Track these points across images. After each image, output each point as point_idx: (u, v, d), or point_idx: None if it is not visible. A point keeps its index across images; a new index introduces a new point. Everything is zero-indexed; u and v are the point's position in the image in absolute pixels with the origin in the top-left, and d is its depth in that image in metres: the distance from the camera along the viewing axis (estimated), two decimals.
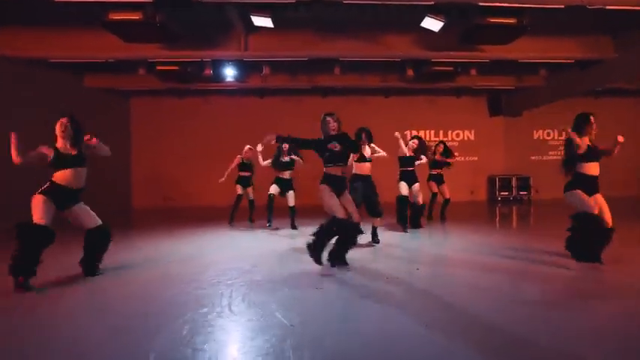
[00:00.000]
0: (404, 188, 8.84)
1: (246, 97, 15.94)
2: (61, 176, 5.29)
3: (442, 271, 6.00)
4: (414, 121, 16.50)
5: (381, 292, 4.69)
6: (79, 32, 9.68)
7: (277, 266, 6.11)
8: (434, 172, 10.69)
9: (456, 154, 10.98)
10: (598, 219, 5.69)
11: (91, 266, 5.54)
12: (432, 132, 17.01)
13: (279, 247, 7.55)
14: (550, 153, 17.29)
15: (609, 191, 6.92)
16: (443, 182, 10.72)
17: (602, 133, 6.16)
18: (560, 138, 17.18)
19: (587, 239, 5.74)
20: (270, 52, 10.28)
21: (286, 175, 9.44)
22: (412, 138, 9.32)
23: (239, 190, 10.38)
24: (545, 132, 17.46)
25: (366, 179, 7.42)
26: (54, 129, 5.37)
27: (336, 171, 5.78)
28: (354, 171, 7.50)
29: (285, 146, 9.00)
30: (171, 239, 8.56)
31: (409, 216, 9.08)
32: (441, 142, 10.99)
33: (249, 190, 10.52)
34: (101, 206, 6.87)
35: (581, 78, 12.22)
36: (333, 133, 5.76)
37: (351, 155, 7.00)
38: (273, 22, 8.74)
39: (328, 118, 5.81)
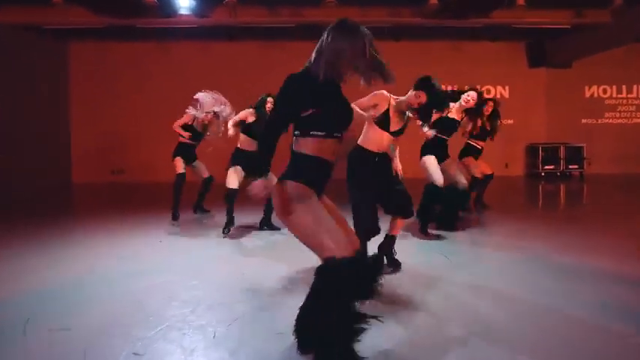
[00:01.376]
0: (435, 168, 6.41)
1: (211, 40, 13.55)
2: None
3: None
4: (433, 74, 13.90)
5: None
6: None
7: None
8: (475, 144, 8.27)
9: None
10: None
11: None
12: (456, 87, 14.43)
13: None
14: (607, 115, 14.83)
15: None
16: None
17: None
18: (619, 96, 14.78)
19: None
20: None
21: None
22: (468, 90, 6.93)
23: (179, 166, 7.84)
24: (601, 88, 14.91)
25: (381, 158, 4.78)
26: None
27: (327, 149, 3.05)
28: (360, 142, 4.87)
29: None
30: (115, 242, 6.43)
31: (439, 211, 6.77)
32: (492, 99, 8.42)
33: (199, 165, 8.13)
34: (30, 181, 5.42)
35: None
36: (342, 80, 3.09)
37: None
38: None
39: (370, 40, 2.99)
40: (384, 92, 4.69)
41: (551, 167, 14.00)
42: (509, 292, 4.09)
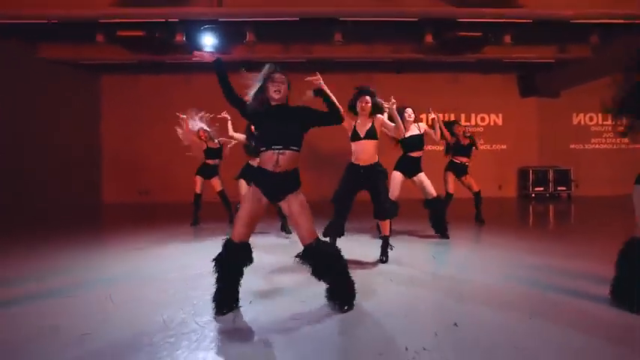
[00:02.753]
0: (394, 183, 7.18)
1: (231, 72, 13.67)
2: None
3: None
4: (431, 103, 14.44)
5: None
6: None
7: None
8: (456, 160, 8.77)
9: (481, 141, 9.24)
10: None
11: None
12: (452, 115, 14.95)
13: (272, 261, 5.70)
14: (593, 141, 15.16)
15: None
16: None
17: None
18: (605, 123, 15.03)
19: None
20: (250, 8, 8.26)
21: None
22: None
23: (196, 185, 8.89)
24: (588, 116, 15.25)
25: (367, 170, 5.56)
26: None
27: (268, 160, 3.84)
28: (353, 158, 5.63)
29: None
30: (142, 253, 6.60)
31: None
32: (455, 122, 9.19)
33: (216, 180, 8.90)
34: (66, 201, 5.39)
35: None
36: (273, 102, 3.94)
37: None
38: None
39: (271, 71, 3.95)
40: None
41: (541, 189, 14.30)
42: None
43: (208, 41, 10.55)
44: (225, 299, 3.90)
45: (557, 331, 3.45)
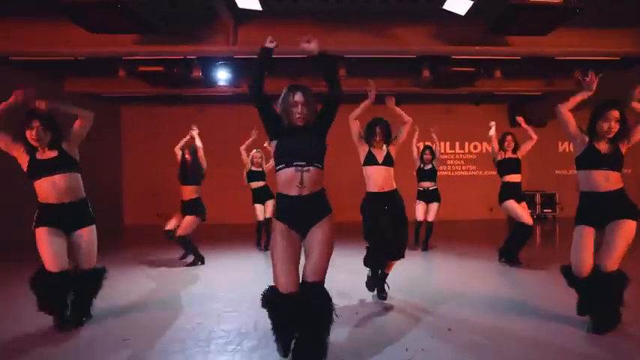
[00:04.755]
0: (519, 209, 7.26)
1: (243, 104, 13.85)
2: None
3: None
4: (428, 132, 14.70)
5: None
6: (42, 25, 7.99)
7: None
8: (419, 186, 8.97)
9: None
10: None
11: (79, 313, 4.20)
12: (448, 144, 15.28)
13: None
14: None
15: None
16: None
17: None
18: None
19: None
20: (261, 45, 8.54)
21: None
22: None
23: (256, 213, 8.77)
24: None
25: (386, 197, 5.05)
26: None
27: (290, 184, 3.19)
28: (368, 187, 5.10)
29: None
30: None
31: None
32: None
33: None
34: None
35: (625, 79, 10.37)
36: (298, 122, 3.28)
37: None
38: (266, 11, 7.17)
39: (290, 94, 3.40)
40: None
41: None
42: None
43: (222, 75, 10.82)
44: (288, 343, 3.22)
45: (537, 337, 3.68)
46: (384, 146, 5.18)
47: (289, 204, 3.17)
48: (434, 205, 8.78)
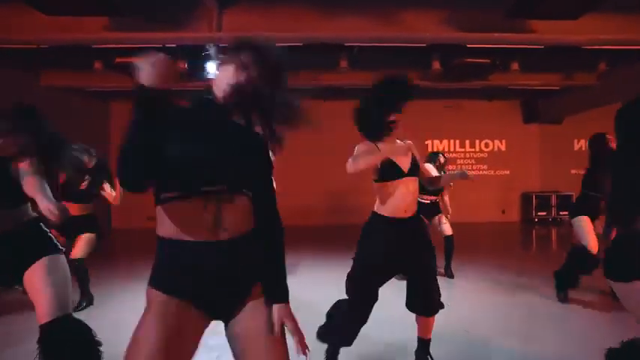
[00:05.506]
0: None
1: None
2: None
3: None
4: (437, 130, 13.78)
5: None
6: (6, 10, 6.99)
7: None
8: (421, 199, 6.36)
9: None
10: None
11: None
12: (457, 142, 14.22)
13: None
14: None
15: None
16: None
17: None
18: None
19: None
20: (250, 32, 7.42)
21: None
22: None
23: None
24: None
25: (410, 224, 3.25)
26: None
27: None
28: (376, 207, 3.28)
29: None
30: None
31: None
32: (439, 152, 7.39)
33: None
34: None
35: None
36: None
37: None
38: None
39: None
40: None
41: (544, 214, 13.54)
42: None
43: (211, 68, 9.83)
44: None
45: None
46: (404, 142, 3.38)
47: (192, 257, 1.73)
48: (440, 217, 6.77)
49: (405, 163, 3.23)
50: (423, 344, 3.38)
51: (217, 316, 1.80)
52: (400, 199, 3.16)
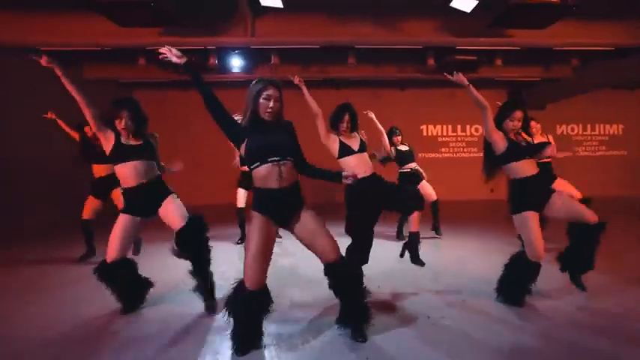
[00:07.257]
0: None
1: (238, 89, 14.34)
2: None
3: None
4: (431, 116, 15.37)
5: None
6: (69, 17, 8.58)
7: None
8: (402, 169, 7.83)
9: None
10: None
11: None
12: (450, 127, 15.80)
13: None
14: (575, 149, 15.85)
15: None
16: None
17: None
18: (585, 133, 16.05)
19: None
20: (278, 37, 9.12)
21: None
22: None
23: (241, 197, 7.60)
24: (570, 127, 16.10)
25: (372, 179, 4.82)
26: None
27: (269, 179, 3.30)
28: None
29: None
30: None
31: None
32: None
33: None
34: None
35: (620, 67, 11.00)
36: (267, 117, 3.34)
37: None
38: (283, 3, 7.71)
39: (263, 88, 3.35)
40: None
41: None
42: None
43: (236, 63, 11.29)
44: (246, 340, 3.38)
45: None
46: (354, 133, 4.92)
47: (271, 196, 3.27)
48: (425, 184, 7.77)
49: (354, 144, 4.84)
50: (413, 235, 4.99)
51: (284, 224, 3.41)
52: (354, 168, 4.63)
